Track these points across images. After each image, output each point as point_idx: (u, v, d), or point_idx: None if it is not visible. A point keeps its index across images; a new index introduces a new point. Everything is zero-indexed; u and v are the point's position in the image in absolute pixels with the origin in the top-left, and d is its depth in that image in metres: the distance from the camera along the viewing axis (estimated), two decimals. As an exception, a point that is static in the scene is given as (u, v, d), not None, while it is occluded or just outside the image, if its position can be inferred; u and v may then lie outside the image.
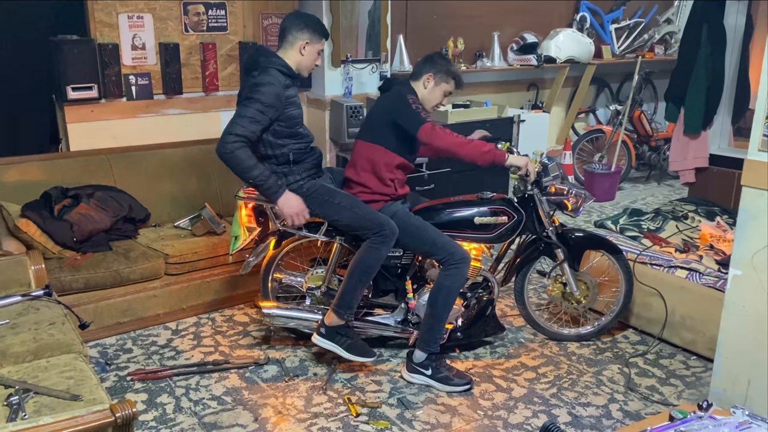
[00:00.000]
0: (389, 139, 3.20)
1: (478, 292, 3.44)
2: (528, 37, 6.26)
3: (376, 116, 3.30)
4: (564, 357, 3.48)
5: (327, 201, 3.16)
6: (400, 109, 3.14)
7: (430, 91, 3.29)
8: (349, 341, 3.19)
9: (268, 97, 2.98)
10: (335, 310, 3.16)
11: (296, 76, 3.15)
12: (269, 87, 3.00)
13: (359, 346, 3.21)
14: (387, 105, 3.25)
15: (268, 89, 2.99)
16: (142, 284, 3.64)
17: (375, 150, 3.22)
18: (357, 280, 3.13)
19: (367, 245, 3.11)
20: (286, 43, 3.13)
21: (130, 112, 4.29)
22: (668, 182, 6.85)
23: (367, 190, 3.23)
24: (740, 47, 4.44)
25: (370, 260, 3.12)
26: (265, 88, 2.99)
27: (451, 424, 2.90)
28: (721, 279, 3.36)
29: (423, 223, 3.19)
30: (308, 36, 3.11)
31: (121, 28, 4.15)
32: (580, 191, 3.41)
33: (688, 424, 1.83)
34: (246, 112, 2.97)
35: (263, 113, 2.98)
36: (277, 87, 3.02)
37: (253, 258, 3.40)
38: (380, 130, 3.22)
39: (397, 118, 3.15)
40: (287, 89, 3.08)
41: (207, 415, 2.93)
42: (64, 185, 3.80)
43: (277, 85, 3.02)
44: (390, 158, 3.22)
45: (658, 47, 7.30)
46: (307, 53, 3.14)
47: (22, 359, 2.44)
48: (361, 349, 3.21)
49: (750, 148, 2.63)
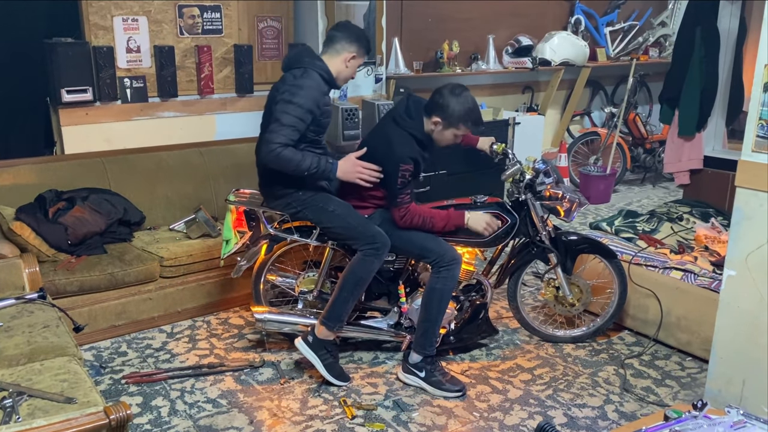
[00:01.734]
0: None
1: (472, 295, 3.44)
2: (523, 39, 6.28)
3: (374, 151, 3.11)
4: (560, 358, 3.48)
5: (321, 207, 3.14)
6: (389, 177, 3.06)
7: (440, 134, 3.14)
8: (331, 360, 3.17)
9: (307, 101, 2.96)
10: (324, 323, 3.14)
11: (334, 84, 3.14)
12: (309, 91, 2.98)
13: (338, 368, 3.20)
14: (385, 158, 3.07)
15: (308, 93, 2.97)
16: (137, 287, 3.63)
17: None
18: (348, 292, 3.11)
19: (359, 257, 3.10)
20: (332, 51, 3.11)
21: (125, 115, 4.29)
22: (663, 184, 6.87)
23: (359, 198, 3.22)
24: (734, 50, 4.46)
25: (362, 272, 3.10)
26: (305, 92, 2.96)
27: (446, 426, 2.90)
28: (716, 280, 3.37)
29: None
30: (356, 49, 3.10)
31: (115, 30, 4.15)
32: (574, 195, 3.42)
33: (683, 423, 1.84)
34: (288, 121, 2.94)
35: (302, 120, 2.97)
36: (316, 92, 3.01)
37: (245, 262, 3.39)
38: (372, 161, 3.10)
39: (386, 176, 3.07)
40: (324, 96, 3.08)
41: (202, 417, 2.92)
42: (59, 188, 3.78)
43: (317, 90, 3.01)
44: (373, 190, 3.18)
45: (652, 50, 7.34)
46: (350, 65, 3.13)
47: (16, 362, 2.43)
48: (339, 372, 3.19)
49: (743, 149, 2.64)
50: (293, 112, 2.94)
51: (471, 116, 3.08)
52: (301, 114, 2.94)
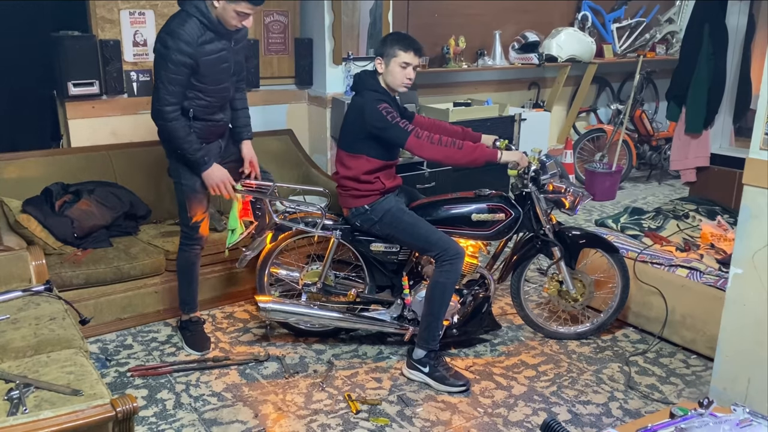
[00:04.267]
0: (369, 148, 3.15)
1: (475, 289, 3.44)
2: (529, 35, 6.26)
3: (353, 127, 3.18)
4: (564, 355, 3.48)
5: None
6: (379, 124, 3.06)
7: (388, 72, 3.16)
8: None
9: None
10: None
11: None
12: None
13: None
14: (363, 117, 3.11)
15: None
16: (143, 280, 3.64)
17: (356, 159, 3.17)
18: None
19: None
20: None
21: (132, 109, 4.29)
22: (669, 182, 6.84)
23: (357, 192, 3.22)
24: (742, 47, 4.45)
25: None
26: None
27: (451, 422, 2.90)
28: (722, 278, 3.36)
29: (416, 219, 3.19)
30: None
31: (122, 24, 4.15)
32: (578, 189, 3.41)
33: (689, 421, 1.83)
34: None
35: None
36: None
37: (250, 252, 3.40)
38: (359, 140, 3.14)
39: (379, 132, 3.08)
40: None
41: (207, 411, 2.93)
42: (65, 181, 3.80)
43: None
44: (371, 165, 3.17)
45: (659, 47, 7.30)
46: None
47: (23, 354, 2.44)
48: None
49: (752, 147, 2.63)
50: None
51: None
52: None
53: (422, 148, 3.07)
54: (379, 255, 3.31)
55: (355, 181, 3.21)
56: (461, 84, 6.11)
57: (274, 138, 4.66)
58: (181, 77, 2.98)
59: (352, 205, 3.25)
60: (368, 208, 3.20)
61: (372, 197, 3.21)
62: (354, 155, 3.18)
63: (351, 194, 3.23)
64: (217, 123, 3.22)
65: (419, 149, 3.08)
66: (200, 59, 2.99)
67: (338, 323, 3.41)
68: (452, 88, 6.03)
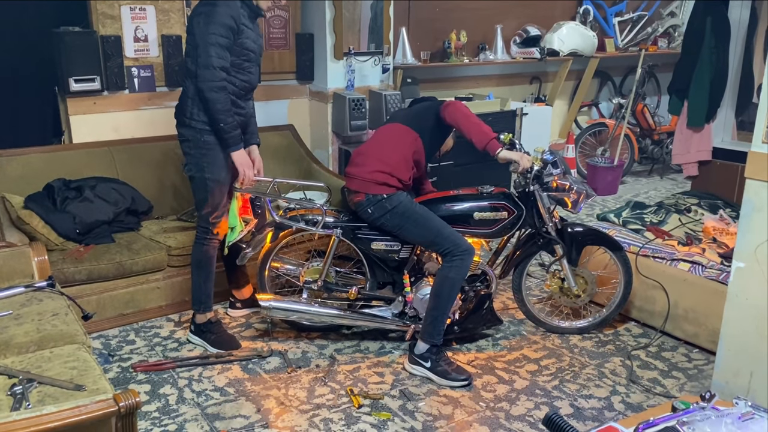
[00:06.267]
0: (426, 134, 3.25)
1: (476, 285, 3.44)
2: (531, 30, 6.24)
3: (420, 111, 3.34)
4: (566, 349, 3.48)
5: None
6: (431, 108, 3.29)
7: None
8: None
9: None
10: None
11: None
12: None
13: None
14: (429, 106, 3.34)
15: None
16: (145, 276, 3.64)
17: (412, 136, 3.24)
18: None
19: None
20: None
21: (133, 105, 4.29)
22: (671, 176, 6.83)
23: (383, 178, 3.17)
24: (744, 41, 4.44)
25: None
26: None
27: (453, 416, 2.90)
28: (724, 272, 3.36)
29: (428, 213, 3.18)
30: None
31: (123, 20, 4.14)
32: (582, 187, 3.40)
33: (691, 414, 1.83)
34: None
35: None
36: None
37: (250, 249, 3.40)
38: (422, 122, 3.26)
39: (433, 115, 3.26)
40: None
41: (210, 406, 2.94)
42: (67, 177, 3.80)
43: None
44: (419, 148, 3.24)
45: (661, 40, 7.28)
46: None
47: (26, 350, 2.44)
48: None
49: (754, 141, 2.63)
50: None
51: None
52: None
53: (454, 109, 3.18)
54: (380, 253, 3.31)
55: (387, 165, 3.18)
56: (463, 78, 6.10)
57: (275, 133, 4.65)
58: (228, 40, 2.98)
59: (371, 191, 3.18)
60: (385, 197, 3.18)
61: (392, 189, 3.18)
62: (411, 130, 3.23)
63: (375, 179, 3.16)
64: (240, 110, 3.20)
65: (452, 110, 3.19)
66: (240, 33, 3.01)
67: (339, 321, 3.41)
68: (454, 83, 6.02)
